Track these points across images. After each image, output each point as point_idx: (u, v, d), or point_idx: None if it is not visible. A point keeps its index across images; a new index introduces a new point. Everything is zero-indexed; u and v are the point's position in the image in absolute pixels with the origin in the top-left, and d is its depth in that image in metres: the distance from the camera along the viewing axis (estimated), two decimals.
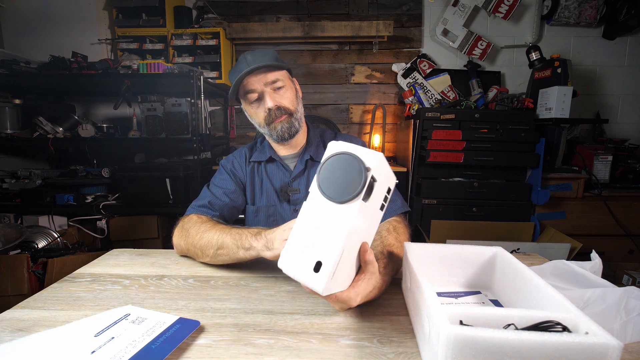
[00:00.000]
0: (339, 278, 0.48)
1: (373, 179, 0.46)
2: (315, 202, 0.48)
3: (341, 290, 0.50)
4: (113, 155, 2.26)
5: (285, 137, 0.89)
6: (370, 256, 0.52)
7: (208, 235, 0.74)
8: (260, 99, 0.87)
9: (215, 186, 0.95)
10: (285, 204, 0.96)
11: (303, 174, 0.96)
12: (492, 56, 2.45)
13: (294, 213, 0.95)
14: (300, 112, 0.93)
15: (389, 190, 0.52)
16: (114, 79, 1.91)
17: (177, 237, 0.82)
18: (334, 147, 0.49)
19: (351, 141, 1.00)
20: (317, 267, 0.45)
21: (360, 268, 0.54)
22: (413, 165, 2.06)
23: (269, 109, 0.86)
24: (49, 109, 2.18)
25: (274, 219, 0.97)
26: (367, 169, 0.45)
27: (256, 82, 0.85)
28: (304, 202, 0.49)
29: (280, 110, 0.87)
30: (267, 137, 0.96)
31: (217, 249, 0.72)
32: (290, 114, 0.88)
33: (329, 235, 0.45)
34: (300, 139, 0.97)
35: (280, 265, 0.49)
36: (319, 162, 0.95)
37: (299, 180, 0.96)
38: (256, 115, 0.89)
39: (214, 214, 0.86)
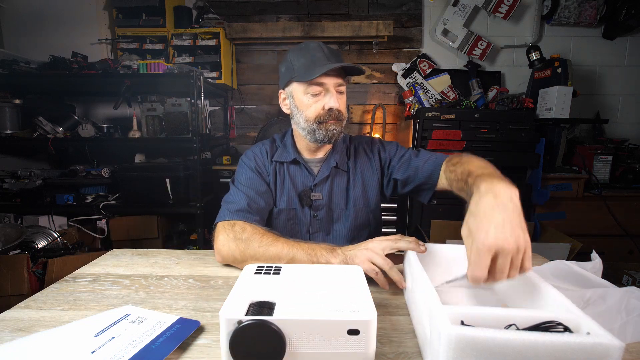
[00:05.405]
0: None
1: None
2: None
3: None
4: (113, 155, 2.25)
5: (332, 141, 0.87)
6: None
7: (275, 249, 0.72)
8: (321, 95, 0.84)
9: (246, 187, 0.88)
10: (306, 209, 0.93)
11: (326, 181, 0.93)
12: (492, 56, 2.45)
13: (314, 219, 0.93)
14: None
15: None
16: (114, 79, 1.91)
17: (228, 248, 0.76)
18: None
19: (362, 140, 0.99)
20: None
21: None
22: None
23: (331, 109, 0.84)
24: (49, 109, 2.18)
25: (293, 223, 0.93)
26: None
27: (330, 80, 0.82)
28: None
29: (339, 113, 0.85)
30: (304, 135, 0.89)
31: (287, 261, 0.70)
32: (341, 119, 0.87)
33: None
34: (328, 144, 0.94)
35: None
36: (343, 170, 0.95)
37: (322, 186, 0.93)
38: (308, 108, 0.85)
39: (254, 218, 0.81)
